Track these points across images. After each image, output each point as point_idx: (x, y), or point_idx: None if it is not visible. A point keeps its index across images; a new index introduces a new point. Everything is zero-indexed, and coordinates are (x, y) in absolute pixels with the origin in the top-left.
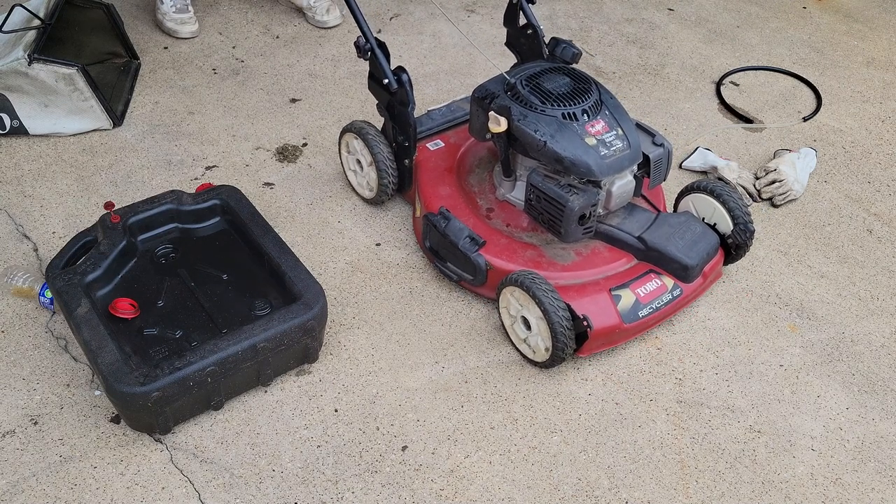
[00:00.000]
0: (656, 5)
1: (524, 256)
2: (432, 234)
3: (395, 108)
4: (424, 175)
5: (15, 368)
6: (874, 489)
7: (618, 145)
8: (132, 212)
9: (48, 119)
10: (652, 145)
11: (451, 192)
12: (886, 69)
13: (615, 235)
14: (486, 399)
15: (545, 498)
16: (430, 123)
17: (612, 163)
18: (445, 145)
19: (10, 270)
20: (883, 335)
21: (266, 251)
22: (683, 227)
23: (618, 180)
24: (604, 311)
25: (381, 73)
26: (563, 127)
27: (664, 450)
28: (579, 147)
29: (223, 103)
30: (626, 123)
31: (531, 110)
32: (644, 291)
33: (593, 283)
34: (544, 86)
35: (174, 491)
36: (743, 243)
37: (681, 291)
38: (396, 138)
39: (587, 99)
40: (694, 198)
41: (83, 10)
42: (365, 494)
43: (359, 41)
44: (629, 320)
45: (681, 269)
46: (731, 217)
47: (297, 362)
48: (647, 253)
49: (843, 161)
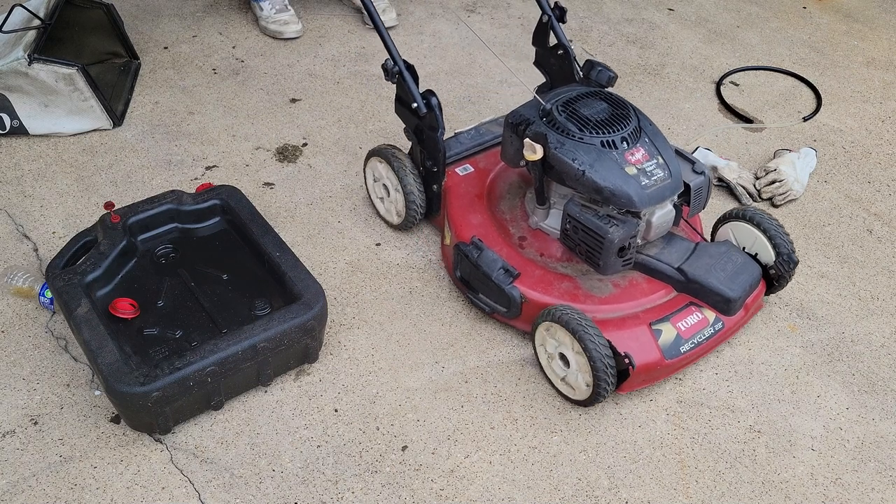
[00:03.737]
0: (656, 5)
1: (560, 288)
2: (464, 265)
3: (424, 132)
4: (454, 202)
5: (15, 368)
6: (874, 489)
7: (659, 174)
8: (132, 212)
9: (48, 119)
10: (692, 173)
11: (483, 220)
12: (886, 69)
13: (654, 266)
14: (486, 399)
15: (545, 498)
16: (459, 147)
17: (653, 193)
18: (475, 170)
19: (10, 270)
20: (883, 335)
21: (266, 251)
22: (724, 257)
23: (658, 210)
24: (644, 346)
25: (410, 96)
26: (603, 155)
27: (664, 450)
28: (619, 177)
29: (223, 103)
30: (667, 151)
31: (569, 138)
32: (685, 325)
33: (632, 317)
34: (582, 112)
35: (174, 491)
36: (785, 274)
37: (722, 325)
38: (424, 163)
39: (626, 126)
40: (733, 226)
41: (83, 10)
42: (365, 494)
43: (387, 64)
44: (671, 356)
45: (723, 302)
46: (774, 247)
47: (297, 362)
48: (688, 285)
49: (843, 161)
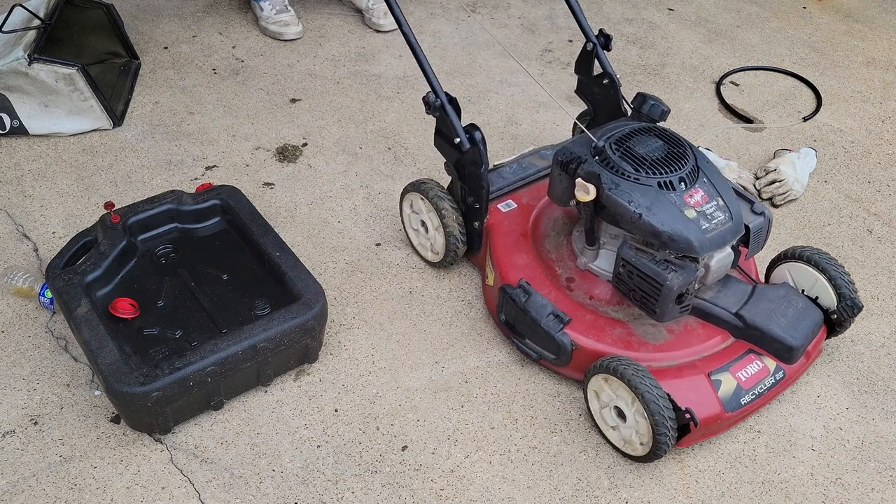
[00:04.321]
0: (656, 5)
1: (612, 335)
2: (509, 308)
3: (466, 168)
4: (498, 240)
5: (15, 368)
6: (874, 489)
7: (719, 217)
8: (132, 212)
9: (48, 119)
10: (751, 213)
11: (529, 260)
12: (886, 69)
13: (710, 311)
14: (486, 399)
15: (545, 498)
16: (501, 182)
17: (714, 237)
18: (518, 206)
19: (10, 270)
20: (883, 335)
21: (266, 251)
22: (784, 301)
23: (717, 254)
24: (704, 398)
25: (453, 131)
26: (660, 197)
27: None
28: (678, 220)
29: (223, 103)
30: (726, 191)
31: (624, 178)
32: (745, 375)
33: (689, 367)
34: (636, 150)
35: (174, 491)
36: (848, 319)
37: (783, 374)
38: (466, 199)
39: (684, 165)
40: (791, 267)
41: (83, 10)
42: (365, 494)
43: (428, 97)
44: (731, 408)
45: (784, 351)
46: (836, 290)
47: (297, 362)
48: (746, 331)
49: (843, 161)
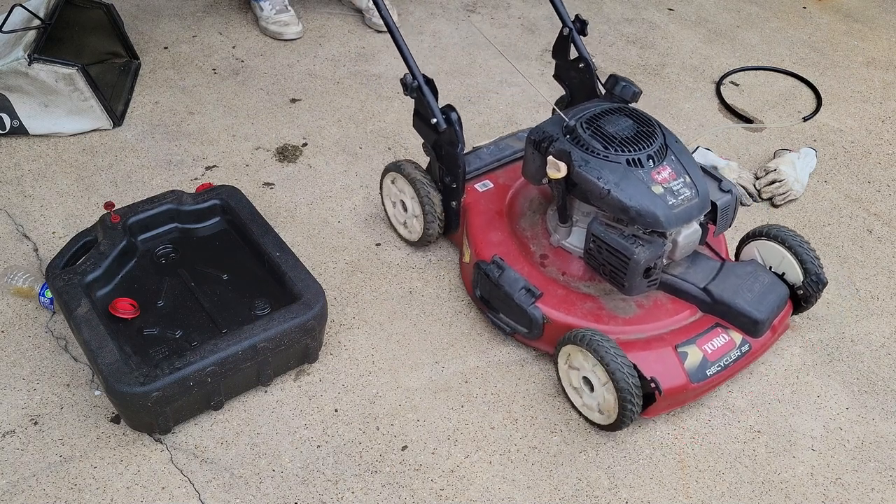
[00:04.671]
0: (656, 5)
1: (583, 309)
2: (484, 284)
3: (443, 148)
4: (474, 219)
5: (15, 368)
6: (874, 489)
7: (686, 194)
8: (132, 212)
9: (48, 119)
10: (719, 191)
11: (503, 237)
12: (886, 69)
13: (679, 286)
14: (486, 399)
15: (545, 498)
16: (479, 163)
17: (681, 213)
18: (494, 186)
19: (10, 270)
20: (883, 335)
21: (266, 251)
22: (751, 277)
23: (684, 230)
24: (670, 370)
25: (429, 111)
26: (628, 174)
27: (664, 450)
28: (646, 196)
29: (223, 103)
30: (694, 169)
31: (593, 156)
32: (711, 348)
33: (657, 339)
34: (606, 129)
35: (174, 491)
36: (814, 294)
37: (749, 347)
38: (443, 179)
39: (652, 143)
40: (759, 245)
41: (83, 10)
42: (365, 494)
43: (405, 78)
44: (697, 379)
45: (750, 324)
46: (802, 266)
47: (297, 362)
48: (713, 305)
49: (843, 161)
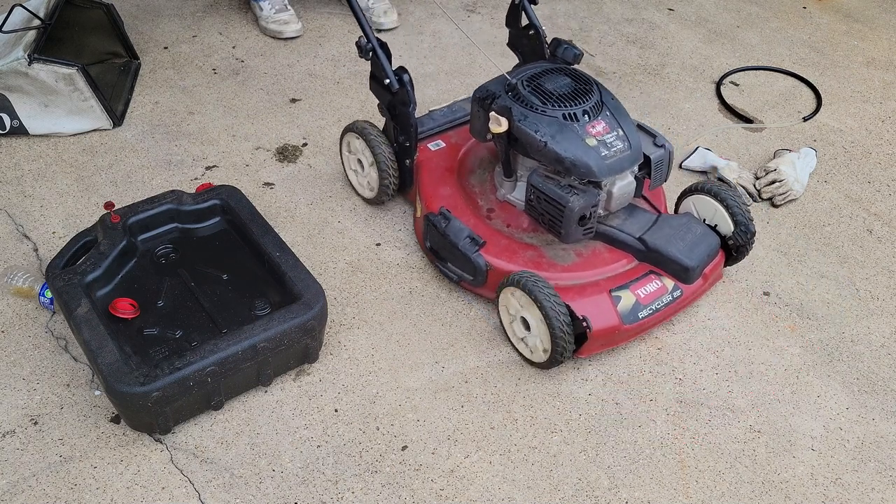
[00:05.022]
0: (656, 5)
1: (524, 257)
2: (432, 234)
3: (397, 108)
4: (425, 175)
5: (15, 368)
6: (874, 489)
7: (618, 146)
8: (132, 212)
9: (48, 119)
10: (653, 146)
11: (452, 192)
12: (886, 69)
13: (616, 236)
14: (486, 399)
15: (545, 498)
16: (432, 124)
17: (613, 163)
18: (447, 145)
19: (10, 270)
20: (883, 335)
21: (266, 251)
22: (684, 228)
23: (618, 181)
24: (603, 312)
25: (383, 73)
26: (564, 128)
27: (664, 450)
28: (580, 148)
29: (223, 103)
30: (627, 124)
31: (532, 111)
32: (644, 292)
33: (593, 284)
34: (545, 86)
35: (174, 491)
36: (744, 244)
37: (681, 293)
38: (398, 138)
39: (588, 100)
40: (695, 199)
41: (83, 10)
42: (365, 494)
43: (360, 41)
44: (629, 321)
45: (681, 271)
46: (732, 218)
47: (297, 362)
48: (648, 254)
49: (843, 161)
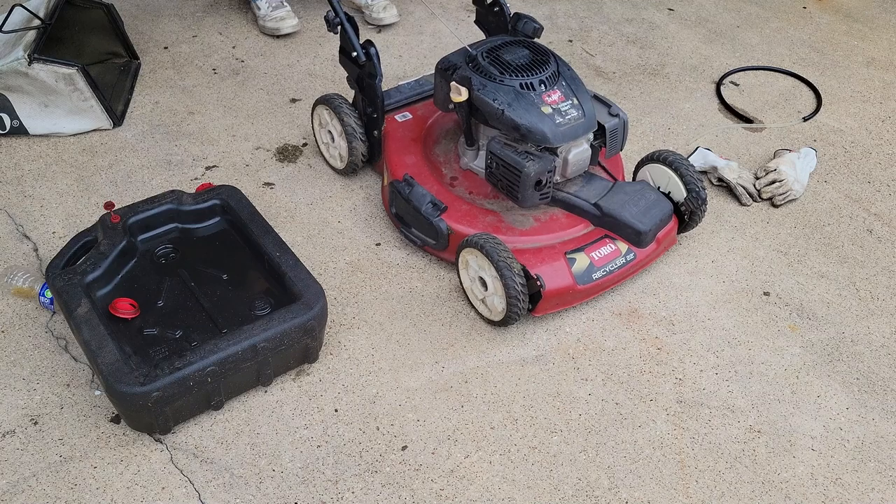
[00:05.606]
0: (656, 5)
1: (484, 222)
2: (397, 201)
3: (364, 80)
4: (391, 145)
5: (15, 368)
6: (874, 489)
7: (573, 114)
8: (132, 212)
9: (48, 119)
10: (608, 115)
11: (417, 160)
12: (886, 69)
13: (572, 202)
14: (486, 399)
15: (545, 498)
16: (399, 96)
17: (567, 130)
18: (413, 117)
19: (10, 270)
20: (883, 335)
21: (266, 251)
22: (638, 194)
23: (574, 148)
24: (558, 272)
25: (351, 46)
26: (521, 96)
27: (664, 450)
28: (535, 115)
29: (223, 103)
30: (582, 94)
31: (490, 80)
32: (598, 255)
33: (549, 248)
34: (504, 57)
35: (174, 491)
36: (695, 210)
37: (634, 256)
38: (366, 110)
39: (544, 70)
40: (650, 168)
41: (83, 10)
42: (365, 494)
43: (328, 15)
44: (583, 282)
45: (634, 235)
46: (685, 185)
47: (297, 362)
48: (603, 219)
49: (843, 161)
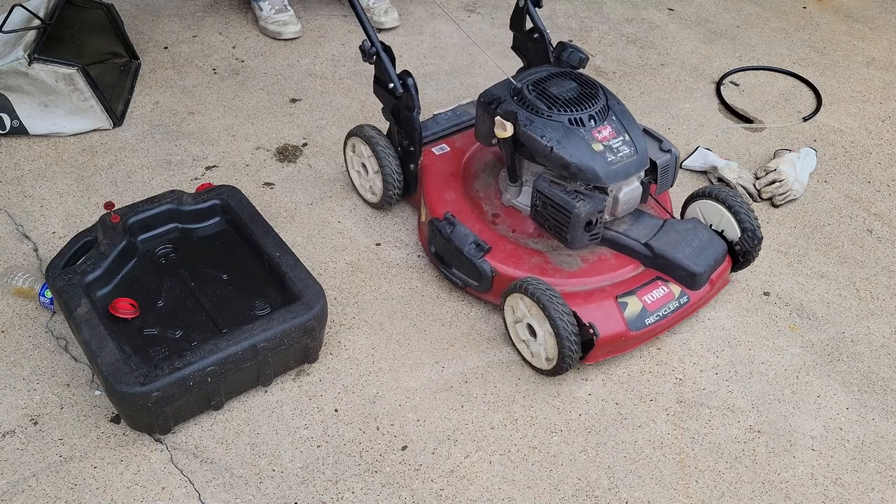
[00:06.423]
0: (656, 5)
1: (530, 263)
2: (437, 240)
3: (401, 112)
4: (429, 180)
5: (15, 368)
6: (874, 489)
7: (625, 151)
8: (132, 212)
9: (48, 119)
10: (659, 151)
11: (457, 197)
12: (886, 69)
13: (622, 242)
14: (486, 399)
15: (545, 498)
16: (436, 128)
17: (619, 169)
18: (451, 150)
19: (10, 270)
20: (883, 335)
21: (266, 251)
22: (691, 233)
23: (625, 186)
24: (610, 318)
25: (387, 77)
26: (570, 132)
27: (664, 450)
28: (586, 153)
29: (223, 103)
30: (633, 129)
31: (537, 115)
32: (651, 299)
33: (599, 290)
34: (551, 91)
35: (174, 491)
36: (751, 250)
37: (688, 299)
38: (402, 143)
39: (594, 104)
40: (701, 204)
41: (83, 10)
42: (365, 494)
43: (364, 45)
44: (636, 328)
45: (688, 277)
46: (739, 223)
47: (297, 362)
48: (654, 260)
49: (843, 161)
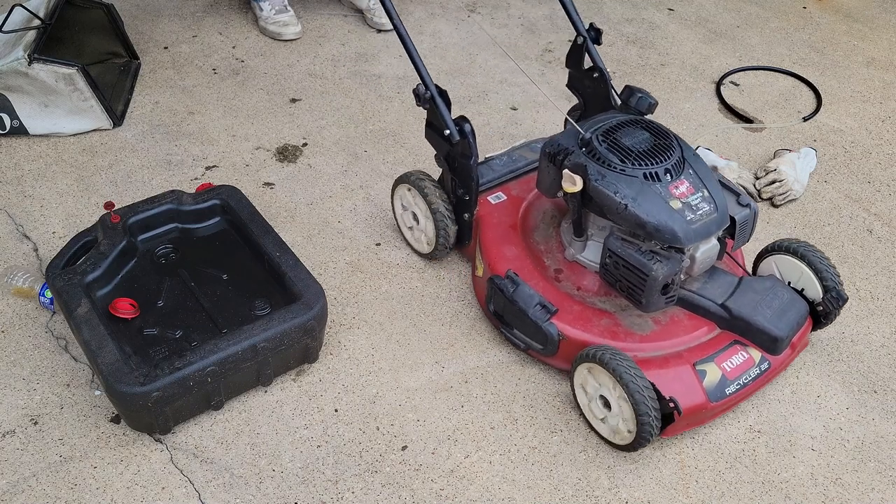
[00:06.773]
0: (656, 5)
1: (599, 325)
2: (498, 299)
3: (456, 160)
4: (487, 232)
5: (15, 368)
6: (874, 489)
7: (704, 208)
8: (132, 212)
9: (48, 119)
10: (737, 205)
11: (518, 252)
12: (886, 69)
13: (697, 302)
14: (486, 399)
15: (545, 498)
16: (491, 174)
17: (699, 228)
18: (507, 198)
19: (10, 270)
20: (883, 335)
21: (266, 251)
22: (770, 293)
23: (703, 245)
24: (689, 388)
25: (442, 122)
26: (645, 188)
27: (664, 450)
28: (664, 211)
29: (223, 103)
30: (712, 183)
31: (610, 169)
32: (730, 366)
33: (675, 356)
34: (623, 142)
35: (174, 491)
36: (833, 311)
37: (769, 365)
38: (456, 191)
39: (670, 157)
40: (777, 259)
41: (83, 10)
42: (365, 494)
43: (418, 89)
44: (716, 398)
45: (769, 342)
46: (821, 281)
47: (297, 362)
48: (732, 322)
49: (843, 161)
